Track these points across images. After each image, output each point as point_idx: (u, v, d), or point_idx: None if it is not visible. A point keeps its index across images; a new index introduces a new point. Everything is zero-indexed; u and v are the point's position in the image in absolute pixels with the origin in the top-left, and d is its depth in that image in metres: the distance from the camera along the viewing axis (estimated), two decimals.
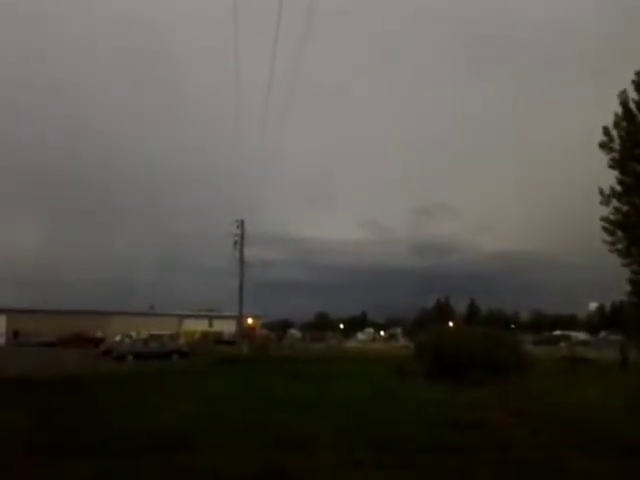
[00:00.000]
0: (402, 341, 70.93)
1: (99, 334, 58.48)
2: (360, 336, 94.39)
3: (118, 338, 45.99)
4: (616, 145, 29.22)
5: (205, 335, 69.58)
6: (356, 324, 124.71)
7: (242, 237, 42.84)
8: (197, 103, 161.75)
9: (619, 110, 29.38)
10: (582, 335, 68.14)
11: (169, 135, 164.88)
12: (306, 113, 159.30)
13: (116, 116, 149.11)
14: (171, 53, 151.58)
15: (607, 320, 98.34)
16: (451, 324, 54.61)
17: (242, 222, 42.95)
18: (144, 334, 43.18)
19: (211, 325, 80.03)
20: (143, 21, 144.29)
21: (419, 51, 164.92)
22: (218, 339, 63.36)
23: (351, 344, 68.82)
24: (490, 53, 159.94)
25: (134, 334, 46.89)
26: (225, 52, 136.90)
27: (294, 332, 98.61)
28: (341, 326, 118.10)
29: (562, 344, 53.16)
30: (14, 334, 60.85)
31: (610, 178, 29.45)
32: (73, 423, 10.10)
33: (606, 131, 29.44)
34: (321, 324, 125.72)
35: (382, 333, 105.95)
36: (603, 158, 29.66)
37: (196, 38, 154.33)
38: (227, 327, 69.98)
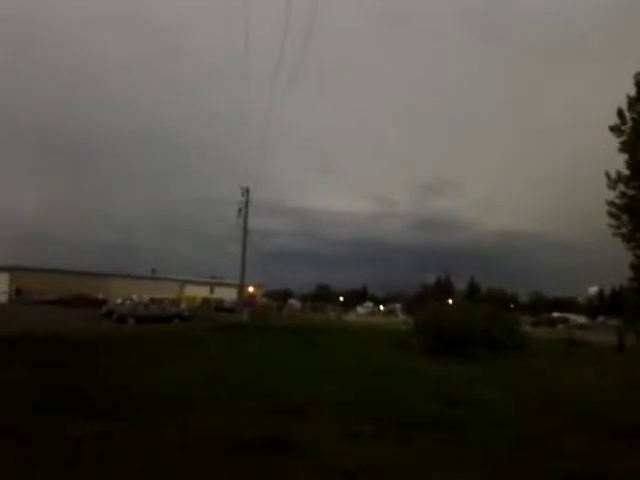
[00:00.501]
0: (401, 316, 71.28)
1: (101, 296, 58.90)
2: (360, 310, 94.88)
3: (120, 300, 46.32)
4: (627, 128, 28.88)
5: (206, 301, 70.12)
6: (356, 297, 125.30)
7: (247, 205, 42.73)
8: (203, 70, 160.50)
9: (632, 92, 28.98)
10: (581, 318, 68.39)
11: (175, 102, 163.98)
12: (315, 86, 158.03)
13: (120, 81, 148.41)
14: (178, 21, 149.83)
15: (606, 304, 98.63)
16: (451, 301, 54.80)
17: (247, 190, 42.78)
18: (146, 297, 43.40)
19: (212, 292, 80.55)
20: None
21: (426, 22, 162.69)
22: (219, 306, 63.84)
23: (350, 317, 69.18)
24: (495, 28, 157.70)
25: (135, 297, 47.17)
26: (234, 21, 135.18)
27: (294, 302, 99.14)
28: (341, 299, 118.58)
29: (560, 326, 53.41)
30: (16, 292, 61.33)
31: (619, 161, 29.19)
32: (73, 382, 10.21)
33: (620, 113, 29.05)
34: (322, 296, 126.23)
35: (382, 308, 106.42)
36: (612, 140, 29.34)
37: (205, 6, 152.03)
38: (228, 294, 70.44)
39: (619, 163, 29.14)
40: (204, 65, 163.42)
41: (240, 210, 42.67)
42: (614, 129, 29.17)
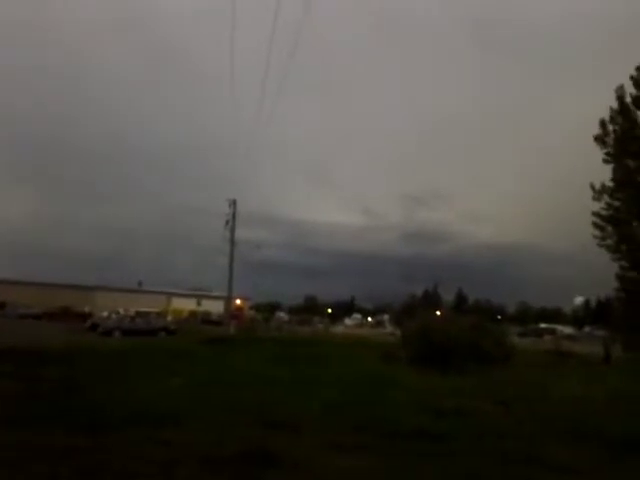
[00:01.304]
0: (389, 328, 71.18)
1: (86, 309, 58.31)
2: (347, 321, 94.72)
3: (105, 314, 45.84)
4: (610, 140, 29.28)
5: (193, 314, 69.65)
6: (344, 309, 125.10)
7: (234, 217, 42.50)
8: (193, 77, 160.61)
9: (615, 105, 29.44)
10: (567, 329, 68.69)
11: (163, 111, 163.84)
12: (305, 97, 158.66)
13: (107, 88, 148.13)
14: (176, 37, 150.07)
15: (592, 315, 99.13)
16: (438, 313, 54.79)
17: (234, 202, 42.60)
18: (132, 310, 43.02)
19: (199, 304, 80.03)
20: None
21: (420, 35, 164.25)
22: (206, 319, 63.44)
23: (338, 329, 68.98)
24: (495, 41, 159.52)
25: (121, 310, 46.72)
26: (223, 28, 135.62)
27: (282, 315, 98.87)
28: (329, 310, 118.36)
29: (547, 337, 53.61)
30: (1, 305, 60.51)
31: (605, 174, 29.55)
32: (56, 395, 10.04)
33: (602, 124, 29.47)
34: (310, 307, 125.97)
35: (369, 319, 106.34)
36: (599, 153, 29.71)
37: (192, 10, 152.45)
38: (215, 307, 70.08)
39: (606, 176, 29.51)
40: (194, 72, 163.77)
41: (227, 222, 42.48)
42: (598, 139, 29.54)
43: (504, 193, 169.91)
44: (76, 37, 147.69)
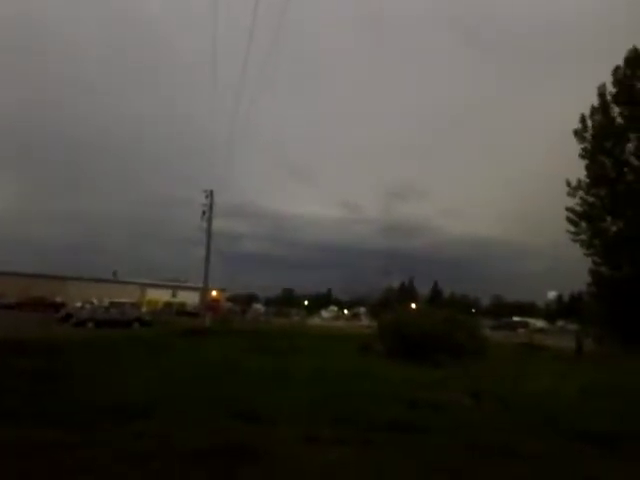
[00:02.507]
0: (365, 320, 71.52)
1: (59, 299, 57.53)
2: (324, 314, 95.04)
3: (79, 304, 45.23)
4: (589, 135, 29.70)
5: (168, 305, 69.16)
6: (321, 301, 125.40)
7: (211, 208, 42.18)
8: (171, 69, 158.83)
9: (596, 102, 29.89)
10: (540, 323, 69.69)
11: (141, 101, 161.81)
12: (286, 90, 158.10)
13: (84, 78, 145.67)
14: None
15: (565, 309, 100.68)
16: (413, 306, 55.19)
17: (211, 192, 42.28)
18: (106, 301, 42.50)
19: (175, 295, 79.55)
20: None
21: (403, 32, 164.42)
22: (181, 310, 63.07)
23: (314, 321, 69.10)
24: (476, 46, 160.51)
25: (95, 300, 46.14)
26: (203, 22, 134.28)
27: (258, 306, 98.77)
28: (306, 303, 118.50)
29: (520, 330, 54.32)
30: None
31: (579, 171, 30.01)
32: (26, 389, 9.84)
33: (582, 119, 29.87)
34: (286, 299, 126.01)
35: (346, 312, 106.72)
36: (574, 150, 30.14)
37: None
38: (191, 298, 69.71)
39: (580, 173, 29.97)
40: (173, 64, 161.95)
41: (204, 212, 42.17)
42: (577, 134, 29.95)
43: (481, 189, 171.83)
44: (59, 21, 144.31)
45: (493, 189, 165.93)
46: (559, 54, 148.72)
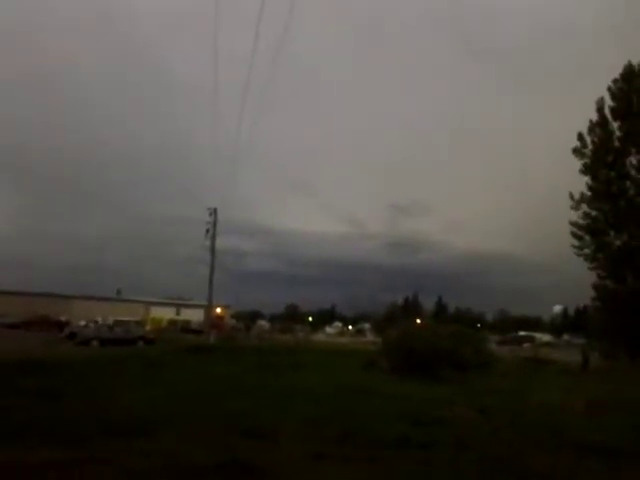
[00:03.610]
0: (370, 336, 71.19)
1: (63, 318, 57.46)
2: (328, 330, 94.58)
3: (83, 322, 45.21)
4: (588, 151, 29.77)
5: (172, 323, 69.01)
6: (325, 317, 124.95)
7: (215, 225, 42.30)
8: (173, 87, 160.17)
9: (594, 117, 29.98)
10: (546, 337, 69.23)
11: (142, 120, 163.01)
12: (287, 106, 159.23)
13: (85, 96, 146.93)
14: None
15: (570, 323, 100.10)
16: (418, 321, 55.03)
17: (215, 210, 42.42)
18: (110, 319, 42.49)
19: (179, 313, 79.34)
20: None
21: (404, 47, 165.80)
22: (185, 327, 62.90)
23: (319, 337, 68.84)
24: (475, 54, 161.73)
25: (100, 319, 46.15)
26: (203, 38, 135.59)
27: (263, 323, 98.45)
28: (310, 319, 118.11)
29: (526, 345, 53.98)
30: None
31: (582, 185, 30.06)
32: (32, 408, 9.83)
33: (580, 137, 29.98)
34: (291, 316, 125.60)
35: (350, 328, 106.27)
36: (577, 164, 30.22)
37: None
38: (196, 316, 69.47)
39: (582, 187, 30.04)
40: (174, 82, 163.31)
41: (208, 230, 42.25)
42: (576, 151, 30.03)
43: (485, 204, 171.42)
44: (51, 37, 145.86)
45: (497, 203, 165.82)
46: (559, 63, 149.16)
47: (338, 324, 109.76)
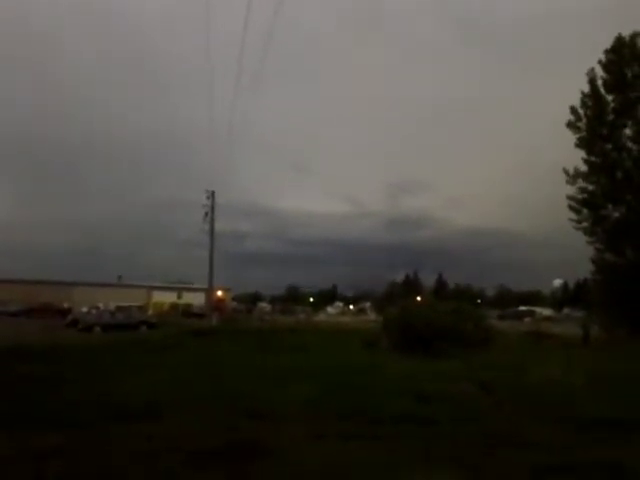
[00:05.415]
0: (371, 315, 71.53)
1: (66, 305, 57.65)
2: (329, 310, 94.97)
3: (85, 309, 45.36)
4: (583, 124, 29.58)
5: (174, 307, 69.27)
6: (326, 298, 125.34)
7: (212, 209, 42.29)
8: (169, 70, 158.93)
9: (586, 88, 29.73)
10: (546, 311, 69.54)
11: (139, 103, 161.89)
12: (286, 86, 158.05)
13: (83, 83, 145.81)
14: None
15: (570, 297, 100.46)
16: (419, 298, 55.23)
17: (213, 193, 42.38)
18: (112, 305, 42.62)
19: (180, 297, 79.58)
20: None
21: (400, 23, 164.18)
22: (187, 311, 63.16)
23: (320, 317, 69.15)
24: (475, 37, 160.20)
25: (101, 305, 46.26)
26: (198, 21, 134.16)
27: (264, 305, 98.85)
28: (311, 299, 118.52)
29: (527, 319, 54.28)
30: None
31: (577, 159, 29.94)
32: (36, 392, 9.93)
33: (573, 110, 29.78)
34: (292, 297, 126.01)
35: (351, 307, 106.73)
36: (572, 139, 30.05)
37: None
38: (197, 299, 69.74)
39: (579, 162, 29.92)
40: (170, 65, 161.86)
41: (206, 214, 42.24)
42: (570, 125, 29.85)
43: (483, 181, 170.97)
44: (44, 26, 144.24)
45: (496, 179, 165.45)
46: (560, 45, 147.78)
47: (339, 304, 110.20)
